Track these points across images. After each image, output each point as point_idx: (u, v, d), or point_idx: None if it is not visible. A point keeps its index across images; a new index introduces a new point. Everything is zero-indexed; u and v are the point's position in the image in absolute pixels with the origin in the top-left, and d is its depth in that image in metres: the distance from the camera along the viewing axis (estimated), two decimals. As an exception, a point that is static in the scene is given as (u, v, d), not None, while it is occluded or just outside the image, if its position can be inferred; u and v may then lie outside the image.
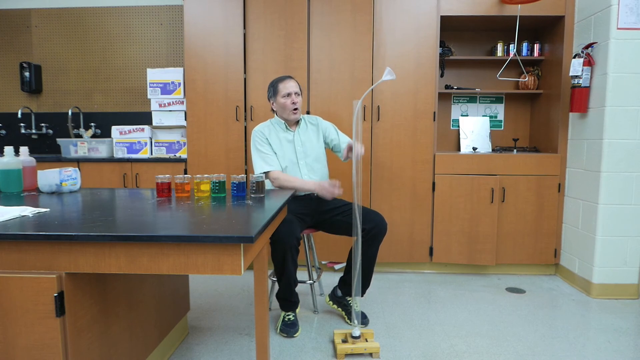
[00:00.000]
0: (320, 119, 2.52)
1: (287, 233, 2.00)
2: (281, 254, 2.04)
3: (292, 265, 2.10)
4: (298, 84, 2.39)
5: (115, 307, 1.44)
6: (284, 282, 2.16)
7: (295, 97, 2.34)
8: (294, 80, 2.38)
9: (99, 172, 3.14)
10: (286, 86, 2.33)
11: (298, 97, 2.35)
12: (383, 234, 2.21)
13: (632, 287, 2.68)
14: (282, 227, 2.01)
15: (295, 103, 2.33)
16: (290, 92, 2.32)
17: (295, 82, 2.38)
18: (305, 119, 2.49)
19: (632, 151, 2.59)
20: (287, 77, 2.39)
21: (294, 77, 2.41)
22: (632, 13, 2.52)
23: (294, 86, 2.35)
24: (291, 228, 2.02)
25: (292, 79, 2.38)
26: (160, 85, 3.23)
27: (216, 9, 2.99)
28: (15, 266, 1.18)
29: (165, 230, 1.18)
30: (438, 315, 2.41)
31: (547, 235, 3.03)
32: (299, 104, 2.35)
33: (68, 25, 3.63)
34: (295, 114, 2.36)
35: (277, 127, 2.41)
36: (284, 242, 2.00)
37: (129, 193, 1.92)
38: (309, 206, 2.34)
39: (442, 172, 3.02)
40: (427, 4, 2.94)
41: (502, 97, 3.47)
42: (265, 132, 2.38)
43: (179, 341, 2.08)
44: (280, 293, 2.23)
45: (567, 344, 2.08)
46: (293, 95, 2.33)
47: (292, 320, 2.22)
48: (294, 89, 2.34)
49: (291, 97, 2.33)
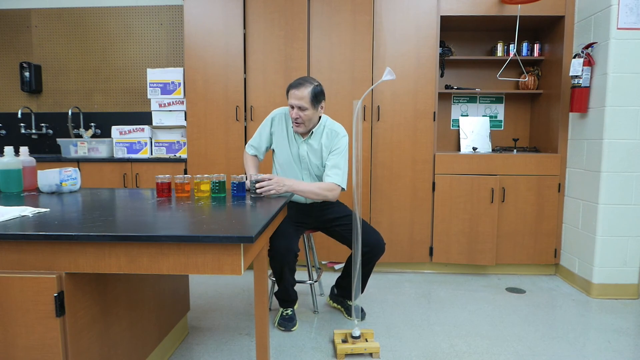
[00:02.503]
0: (341, 132, 2.21)
1: (285, 249, 2.03)
2: (279, 267, 2.10)
3: (289, 275, 2.16)
4: (312, 95, 2.06)
5: (115, 307, 1.44)
6: (282, 286, 2.21)
7: (298, 111, 2.08)
8: (303, 89, 2.05)
9: (99, 172, 3.14)
10: (291, 96, 2.08)
11: (302, 111, 2.07)
12: (379, 256, 2.21)
13: (632, 287, 2.68)
14: (279, 242, 2.02)
15: (295, 118, 2.10)
16: (293, 105, 2.09)
17: (305, 92, 2.05)
18: (325, 127, 2.21)
19: (632, 151, 2.59)
20: (301, 83, 2.07)
21: (308, 83, 2.08)
22: (632, 13, 2.52)
23: (296, 99, 2.06)
24: (289, 244, 2.03)
25: (300, 88, 2.06)
26: (160, 85, 3.23)
27: (216, 9, 2.99)
28: (15, 266, 1.18)
29: (165, 230, 1.18)
30: (438, 315, 2.41)
31: (547, 235, 3.03)
32: (301, 119, 2.10)
33: (68, 25, 3.63)
34: (296, 127, 2.15)
35: (289, 127, 2.24)
36: (282, 258, 2.05)
37: (129, 193, 1.92)
38: (310, 214, 2.32)
39: (442, 172, 3.02)
40: (427, 4, 2.94)
41: (502, 97, 3.47)
42: (276, 123, 2.24)
43: (179, 341, 2.08)
44: (278, 294, 2.28)
45: (567, 344, 2.08)
46: (296, 109, 2.08)
47: (289, 315, 2.26)
48: (297, 103, 2.06)
49: (294, 110, 2.10)
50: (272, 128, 2.27)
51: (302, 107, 2.07)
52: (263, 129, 2.29)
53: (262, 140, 2.30)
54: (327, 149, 2.20)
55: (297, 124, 2.13)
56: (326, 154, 2.20)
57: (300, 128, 2.14)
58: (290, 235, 2.07)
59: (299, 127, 2.14)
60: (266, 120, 2.29)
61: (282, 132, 2.25)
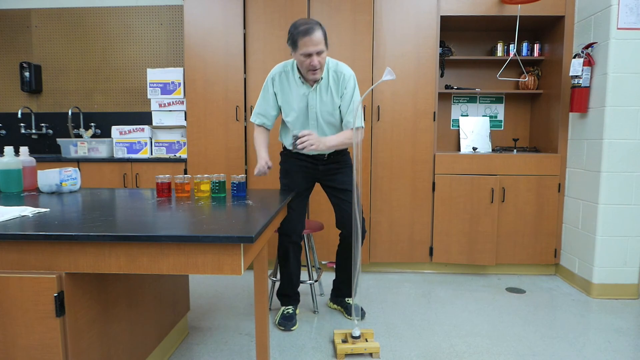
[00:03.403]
0: (347, 73, 2.09)
1: (290, 228, 2.19)
2: (284, 247, 2.24)
3: (294, 260, 2.25)
4: (324, 35, 1.94)
5: (115, 307, 1.44)
6: (286, 275, 2.26)
7: (317, 57, 1.93)
8: (318, 33, 1.91)
9: (99, 172, 3.14)
10: (306, 44, 1.89)
11: (321, 55, 1.94)
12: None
13: (632, 287, 2.68)
14: (285, 222, 2.17)
15: (315, 65, 1.94)
16: (311, 53, 1.92)
17: (319, 35, 1.91)
18: (329, 70, 2.08)
19: (632, 151, 2.59)
20: (311, 27, 1.89)
21: (316, 24, 1.93)
22: (632, 13, 2.52)
23: (314, 45, 1.90)
24: (295, 226, 2.19)
25: (316, 32, 1.90)
26: (160, 85, 3.23)
27: (216, 9, 2.99)
28: (15, 266, 1.18)
29: (165, 230, 1.18)
30: (438, 315, 2.41)
31: (547, 235, 3.03)
32: (320, 64, 1.96)
33: (68, 25, 3.63)
34: (314, 75, 2.00)
35: (293, 76, 2.09)
36: (287, 236, 2.21)
37: (129, 193, 1.92)
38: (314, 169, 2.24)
39: (442, 172, 3.02)
40: (427, 4, 2.94)
41: (502, 97, 3.46)
42: (276, 80, 2.11)
43: (179, 341, 2.08)
44: (281, 289, 2.29)
45: (567, 344, 2.08)
46: (314, 56, 1.93)
47: (290, 314, 2.26)
48: (316, 49, 1.91)
49: (311, 58, 1.93)
50: (274, 88, 2.13)
51: (320, 52, 1.93)
52: (266, 93, 2.14)
53: (268, 104, 2.15)
54: (336, 93, 2.09)
55: (316, 70, 1.97)
56: (337, 99, 2.09)
57: (318, 74, 2.00)
58: (294, 219, 2.19)
59: (317, 74, 2.00)
60: (266, 83, 2.14)
61: (286, 89, 2.11)
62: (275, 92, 2.13)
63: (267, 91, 2.14)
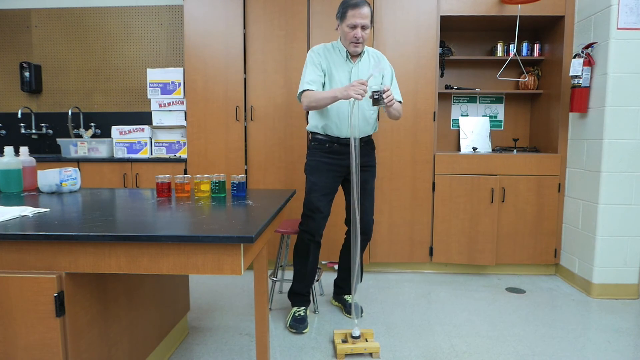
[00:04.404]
0: (384, 57, 2.27)
1: (315, 228, 2.20)
2: (305, 244, 2.25)
3: (313, 258, 2.26)
4: (371, 13, 2.07)
5: (115, 307, 1.44)
6: (302, 274, 2.27)
7: (362, 31, 2.06)
8: (366, 9, 2.05)
9: (99, 172, 3.14)
10: (355, 15, 2.03)
11: (365, 30, 2.07)
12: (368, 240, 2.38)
13: (632, 287, 2.68)
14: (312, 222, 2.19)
15: (359, 37, 2.07)
16: (357, 25, 2.04)
17: (367, 10, 2.05)
18: (368, 52, 2.23)
19: (632, 151, 2.59)
20: (361, 2, 2.04)
21: (369, 5, 2.07)
22: (632, 13, 2.52)
23: (362, 18, 2.03)
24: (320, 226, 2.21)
25: (365, 7, 2.04)
26: (160, 85, 3.23)
27: (216, 9, 2.99)
28: (15, 266, 1.18)
29: (165, 230, 1.18)
30: (438, 315, 2.41)
31: (547, 235, 3.03)
32: (362, 38, 2.08)
33: (68, 25, 3.63)
34: (355, 47, 2.11)
35: (336, 53, 2.19)
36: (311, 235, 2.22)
37: (129, 193, 1.92)
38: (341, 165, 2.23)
39: (442, 172, 3.02)
40: (427, 4, 2.94)
41: (502, 97, 3.47)
42: (321, 53, 2.17)
43: (179, 341, 2.08)
44: (294, 288, 2.30)
45: (567, 344, 2.08)
46: (359, 29, 2.05)
47: (302, 316, 2.24)
48: (362, 21, 2.04)
49: (356, 30, 2.05)
50: (320, 58, 2.17)
51: (365, 26, 2.06)
52: (313, 63, 2.15)
53: (318, 71, 2.15)
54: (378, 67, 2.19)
55: (358, 43, 2.09)
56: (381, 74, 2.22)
57: (359, 48, 2.12)
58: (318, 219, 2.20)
59: (359, 47, 2.12)
60: (309, 57, 2.17)
61: (331, 62, 2.17)
62: (320, 62, 2.17)
63: (314, 61, 2.16)
